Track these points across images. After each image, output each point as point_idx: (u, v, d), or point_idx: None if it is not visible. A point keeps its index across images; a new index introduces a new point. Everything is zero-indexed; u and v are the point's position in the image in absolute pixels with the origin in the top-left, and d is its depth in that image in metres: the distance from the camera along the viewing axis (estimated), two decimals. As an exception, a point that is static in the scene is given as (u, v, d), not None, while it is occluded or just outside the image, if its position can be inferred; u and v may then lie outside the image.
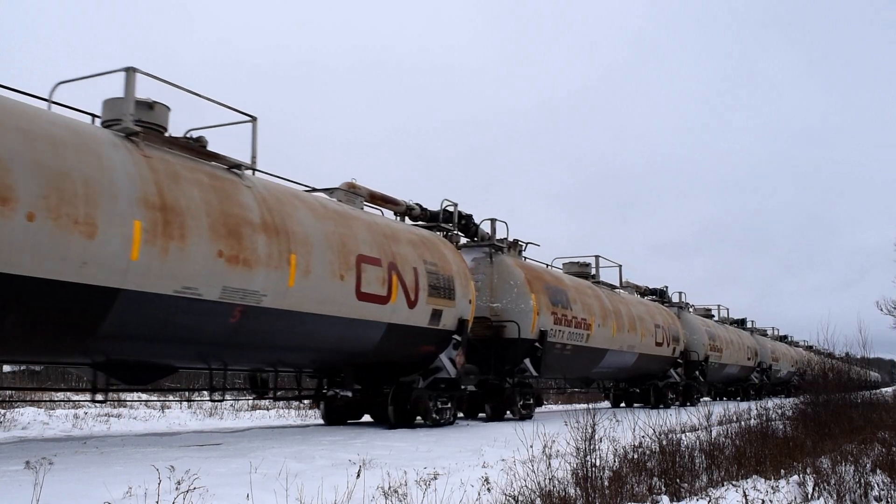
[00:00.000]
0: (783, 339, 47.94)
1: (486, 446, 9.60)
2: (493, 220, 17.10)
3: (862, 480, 6.92)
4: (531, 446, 7.48)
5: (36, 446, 8.85)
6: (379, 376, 13.26)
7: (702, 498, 6.21)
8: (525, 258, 18.26)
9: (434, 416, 13.33)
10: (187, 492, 4.72)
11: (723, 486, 6.99)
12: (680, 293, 29.03)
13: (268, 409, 19.74)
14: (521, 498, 5.70)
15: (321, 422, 14.49)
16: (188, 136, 9.83)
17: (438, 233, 15.14)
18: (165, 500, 4.81)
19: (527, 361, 16.11)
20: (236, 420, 16.42)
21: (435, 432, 12.21)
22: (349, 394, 13.27)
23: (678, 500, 6.22)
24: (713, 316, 34.06)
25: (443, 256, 13.81)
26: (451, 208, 15.71)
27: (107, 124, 9.04)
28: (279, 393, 13.35)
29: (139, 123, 8.92)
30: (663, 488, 6.64)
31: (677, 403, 24.80)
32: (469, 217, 16.50)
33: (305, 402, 17.14)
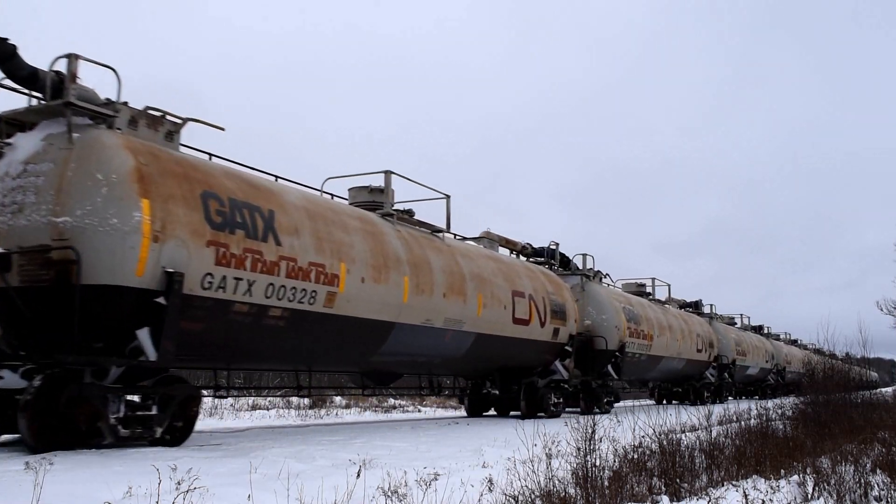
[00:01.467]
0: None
1: (487, 446, 9.60)
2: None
3: (862, 480, 6.93)
4: (533, 445, 7.48)
5: (36, 446, 8.81)
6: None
7: (702, 498, 6.21)
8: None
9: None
10: (187, 492, 4.72)
11: (723, 486, 6.99)
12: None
13: (267, 409, 19.75)
14: (521, 498, 5.70)
15: (323, 421, 14.90)
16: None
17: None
18: (165, 500, 4.81)
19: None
20: (236, 420, 16.43)
21: (434, 432, 12.22)
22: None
23: (678, 500, 6.23)
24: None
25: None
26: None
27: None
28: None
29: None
30: (663, 488, 6.64)
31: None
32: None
33: (306, 401, 20.20)
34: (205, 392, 10.70)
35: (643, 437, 8.67)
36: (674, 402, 28.51)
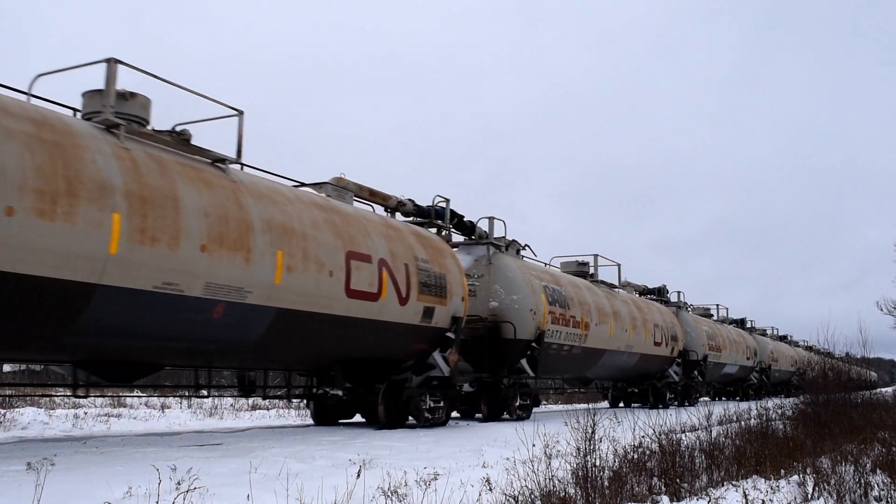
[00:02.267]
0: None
1: (486, 446, 9.61)
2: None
3: (862, 480, 6.92)
4: (533, 445, 7.48)
5: (36, 446, 8.85)
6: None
7: (702, 498, 6.21)
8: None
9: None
10: (187, 492, 4.72)
11: (723, 486, 6.99)
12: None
13: (268, 409, 19.75)
14: (521, 498, 5.70)
15: (311, 422, 14.30)
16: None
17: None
18: (166, 500, 4.81)
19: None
20: (236, 420, 16.43)
21: (434, 432, 12.21)
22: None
23: (678, 500, 6.23)
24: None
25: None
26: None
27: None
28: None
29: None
30: (663, 488, 6.64)
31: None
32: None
33: (300, 401, 16.85)
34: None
35: (643, 437, 8.67)
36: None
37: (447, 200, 15.59)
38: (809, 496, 6.62)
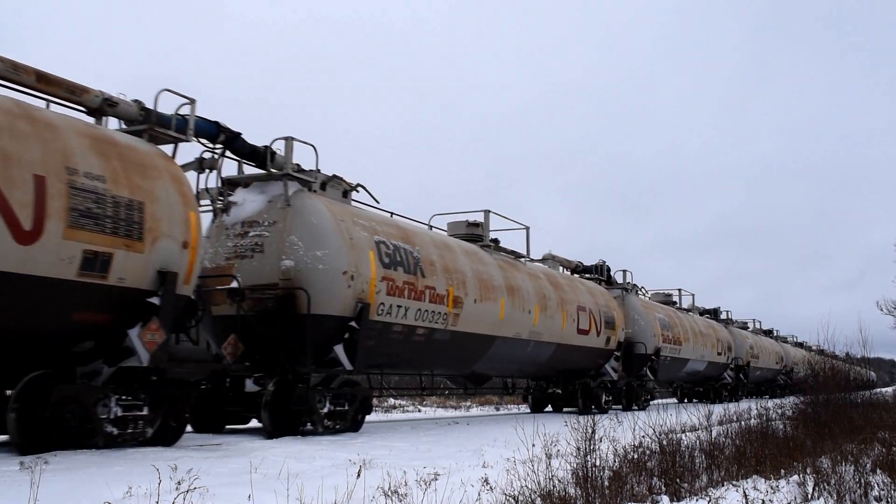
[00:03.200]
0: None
1: (487, 446, 9.61)
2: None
3: (862, 480, 6.92)
4: (533, 445, 7.48)
5: (36, 446, 8.81)
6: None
7: (702, 498, 6.21)
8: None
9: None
10: (187, 492, 4.72)
11: (723, 486, 6.99)
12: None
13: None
14: (521, 498, 5.70)
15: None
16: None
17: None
18: (166, 500, 4.81)
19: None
20: (236, 420, 16.39)
21: (434, 432, 12.20)
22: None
23: (678, 500, 6.23)
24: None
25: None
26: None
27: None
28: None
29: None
30: (663, 488, 6.64)
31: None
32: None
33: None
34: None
35: (643, 437, 8.67)
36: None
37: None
38: (809, 496, 6.62)
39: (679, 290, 28.10)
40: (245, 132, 11.08)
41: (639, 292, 24.82)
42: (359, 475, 5.81)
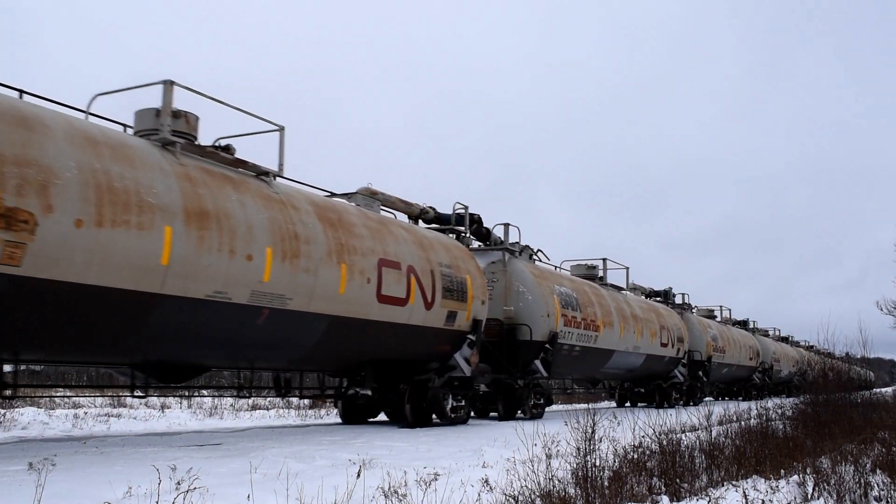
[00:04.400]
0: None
1: (487, 446, 9.60)
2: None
3: (862, 480, 6.92)
4: (533, 445, 7.48)
5: (36, 446, 8.86)
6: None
7: (702, 498, 6.21)
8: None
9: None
10: (187, 492, 4.72)
11: (723, 486, 6.99)
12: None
13: (267, 409, 19.76)
14: (521, 498, 5.70)
15: (324, 421, 14.84)
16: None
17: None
18: (166, 500, 4.81)
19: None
20: (236, 420, 16.43)
21: (434, 432, 12.21)
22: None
23: (678, 500, 6.23)
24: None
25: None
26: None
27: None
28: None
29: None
30: (663, 488, 6.64)
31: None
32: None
33: (306, 401, 18.79)
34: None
35: (643, 437, 8.67)
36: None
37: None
38: (809, 496, 6.62)
39: (604, 259, 22.37)
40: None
41: (534, 257, 18.60)
42: (359, 475, 5.81)
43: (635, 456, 7.54)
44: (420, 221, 15.41)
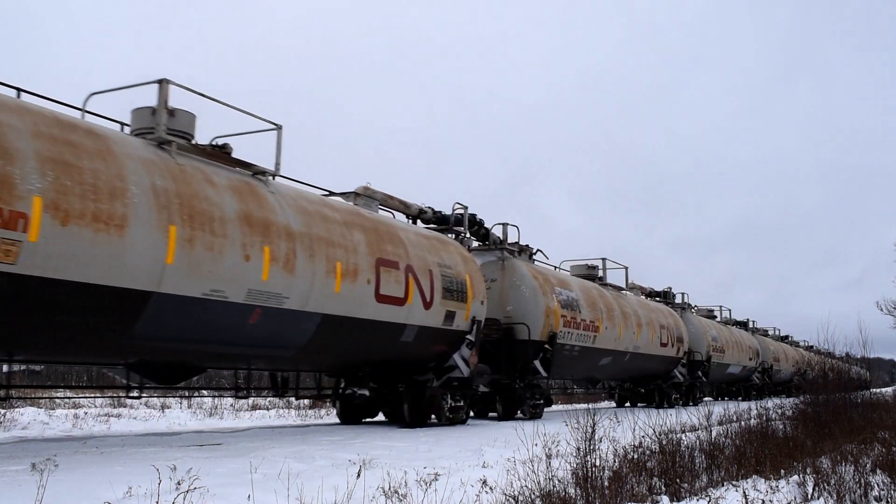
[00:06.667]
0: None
1: (487, 446, 9.60)
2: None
3: (862, 480, 6.93)
4: (533, 445, 7.48)
5: (36, 446, 8.86)
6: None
7: (702, 498, 6.21)
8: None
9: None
10: (188, 492, 4.72)
11: (723, 486, 7.00)
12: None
13: (268, 409, 19.75)
14: (521, 498, 5.70)
15: (324, 421, 14.91)
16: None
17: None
18: (166, 500, 4.81)
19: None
20: (236, 420, 16.43)
21: (433, 432, 12.21)
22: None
23: (678, 500, 6.23)
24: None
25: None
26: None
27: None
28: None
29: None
30: (663, 488, 6.64)
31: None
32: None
33: (306, 401, 18.92)
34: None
35: (643, 437, 8.67)
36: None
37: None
38: (809, 496, 6.62)
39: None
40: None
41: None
42: (359, 475, 5.81)
43: (635, 456, 7.54)
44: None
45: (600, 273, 22.44)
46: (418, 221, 15.21)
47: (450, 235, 15.45)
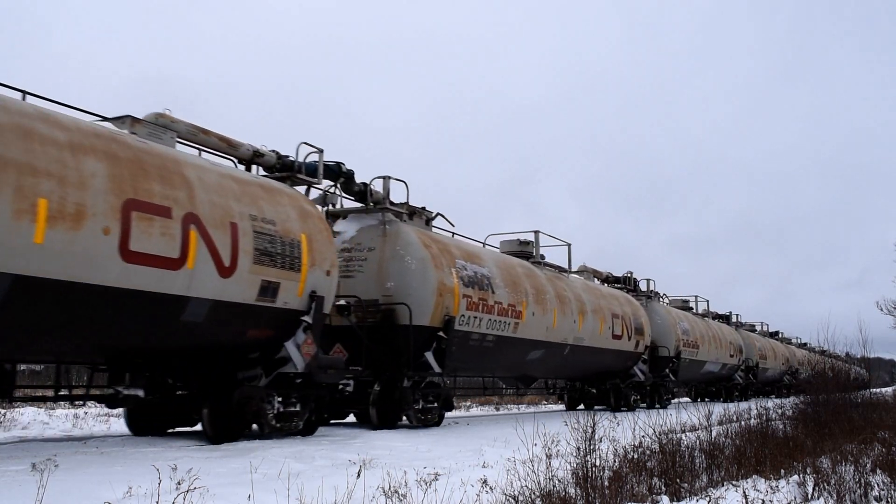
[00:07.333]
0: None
1: (487, 446, 9.61)
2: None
3: (862, 480, 6.93)
4: (533, 445, 7.49)
5: (36, 446, 8.86)
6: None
7: (702, 498, 6.21)
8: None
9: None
10: (188, 492, 4.73)
11: (723, 486, 7.00)
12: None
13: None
14: (521, 498, 5.71)
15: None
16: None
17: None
18: (166, 500, 4.81)
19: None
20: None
21: (433, 432, 12.22)
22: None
23: (678, 500, 6.23)
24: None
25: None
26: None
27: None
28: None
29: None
30: (663, 488, 6.64)
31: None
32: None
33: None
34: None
35: (643, 437, 8.67)
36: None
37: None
38: (809, 496, 6.62)
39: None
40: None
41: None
42: (359, 475, 5.82)
43: (635, 456, 7.54)
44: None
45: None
46: (252, 167, 11.32)
47: (301, 189, 11.84)
